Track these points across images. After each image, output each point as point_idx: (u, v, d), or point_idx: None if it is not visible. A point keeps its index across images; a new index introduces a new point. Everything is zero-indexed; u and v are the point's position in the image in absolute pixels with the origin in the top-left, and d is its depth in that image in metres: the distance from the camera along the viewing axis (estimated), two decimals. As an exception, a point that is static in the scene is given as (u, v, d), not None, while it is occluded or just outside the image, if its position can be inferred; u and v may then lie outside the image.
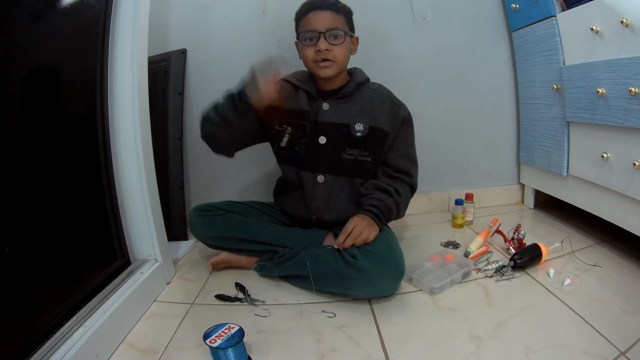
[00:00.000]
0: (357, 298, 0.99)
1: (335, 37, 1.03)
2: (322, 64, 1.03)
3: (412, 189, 1.15)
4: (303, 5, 1.07)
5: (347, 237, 0.98)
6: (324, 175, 1.11)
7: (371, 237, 0.99)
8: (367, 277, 0.91)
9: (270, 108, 0.96)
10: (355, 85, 1.11)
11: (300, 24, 1.07)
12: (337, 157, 1.09)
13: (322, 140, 1.08)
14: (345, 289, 0.96)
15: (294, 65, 1.28)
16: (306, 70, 1.15)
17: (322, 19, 1.02)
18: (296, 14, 1.09)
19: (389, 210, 1.06)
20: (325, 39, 1.01)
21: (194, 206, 1.20)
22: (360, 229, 0.99)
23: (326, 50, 1.01)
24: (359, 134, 1.08)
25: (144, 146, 1.02)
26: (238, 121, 1.01)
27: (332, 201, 1.12)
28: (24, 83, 0.80)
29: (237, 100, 0.97)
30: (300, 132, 1.10)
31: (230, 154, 1.14)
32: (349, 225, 1.00)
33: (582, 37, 1.15)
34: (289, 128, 1.10)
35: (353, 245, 0.98)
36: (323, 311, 0.94)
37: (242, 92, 0.96)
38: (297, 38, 1.09)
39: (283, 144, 1.12)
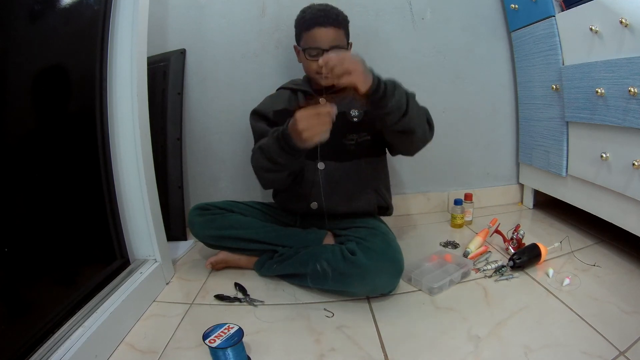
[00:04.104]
0: (356, 296, 0.99)
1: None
2: (325, 75, 1.05)
3: (430, 124, 1.06)
4: (307, 19, 1.10)
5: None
6: (325, 162, 1.13)
7: (358, 74, 0.82)
8: (366, 273, 0.92)
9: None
10: None
11: (303, 37, 1.11)
12: (338, 144, 1.11)
13: None
14: (344, 285, 0.96)
15: (293, 67, 1.29)
16: (300, 77, 1.23)
17: (326, 37, 1.07)
18: (299, 24, 1.13)
19: (394, 86, 0.89)
20: None
21: (194, 205, 1.20)
22: (351, 58, 0.83)
23: None
24: (355, 119, 1.13)
25: (143, 146, 1.02)
26: (290, 162, 0.98)
27: (333, 187, 1.13)
28: (23, 83, 0.80)
29: (285, 145, 0.93)
30: None
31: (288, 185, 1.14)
32: (341, 57, 0.83)
33: (581, 37, 1.15)
34: None
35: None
36: (324, 309, 0.95)
37: (287, 136, 0.91)
38: (298, 44, 1.15)
39: None
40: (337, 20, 1.09)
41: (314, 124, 0.86)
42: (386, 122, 0.93)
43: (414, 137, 0.98)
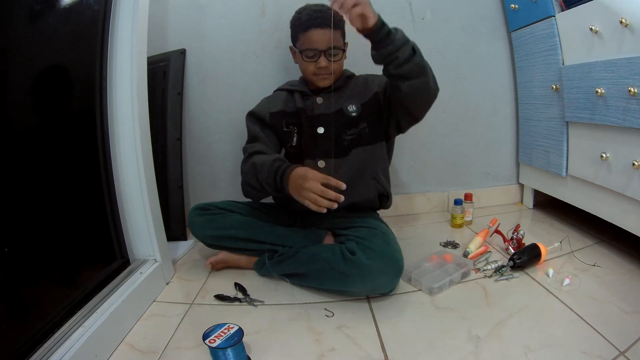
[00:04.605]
0: (356, 296, 0.99)
1: (334, 54, 1.10)
2: (322, 76, 1.13)
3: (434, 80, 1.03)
4: (303, 20, 1.10)
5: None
6: (325, 160, 1.14)
7: (366, 5, 0.84)
8: (366, 273, 0.92)
9: None
10: (345, 78, 1.19)
11: (300, 38, 1.12)
12: (337, 141, 1.12)
13: (321, 130, 1.14)
14: (344, 285, 0.96)
15: (292, 67, 1.29)
16: (296, 78, 1.26)
17: (323, 38, 1.07)
18: (295, 24, 1.14)
19: (396, 30, 0.91)
20: (326, 56, 1.09)
21: (194, 205, 1.20)
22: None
23: (326, 66, 1.10)
24: (353, 114, 1.14)
25: (143, 146, 1.02)
26: (277, 194, 1.04)
27: None
28: (23, 83, 0.80)
29: (279, 183, 0.98)
30: (305, 128, 1.16)
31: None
32: None
33: (581, 37, 1.15)
34: (296, 128, 1.16)
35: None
36: (325, 309, 0.95)
37: (286, 178, 0.96)
38: (295, 46, 1.17)
39: (294, 143, 1.17)
40: (334, 21, 1.09)
41: (319, 191, 0.89)
42: (399, 60, 0.91)
43: (428, 79, 0.97)
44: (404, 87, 0.97)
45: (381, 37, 0.89)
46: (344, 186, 0.91)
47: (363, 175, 1.15)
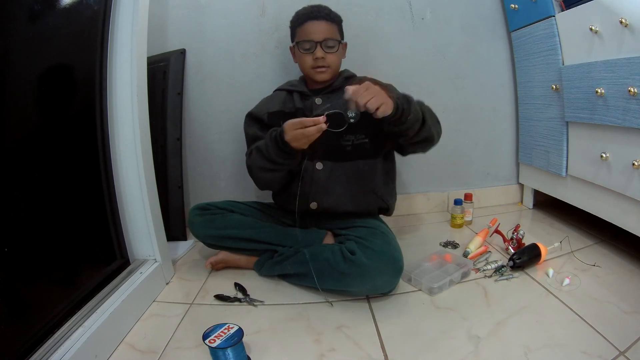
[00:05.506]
0: (356, 295, 0.99)
1: (330, 46, 1.12)
2: (319, 69, 1.13)
3: (439, 121, 1.11)
4: (300, 15, 1.14)
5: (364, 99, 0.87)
6: (323, 162, 1.13)
7: (386, 105, 0.88)
8: (366, 273, 0.92)
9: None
10: (344, 79, 1.19)
11: (297, 32, 1.14)
12: (335, 145, 1.11)
13: None
14: (344, 285, 0.96)
15: (292, 67, 1.29)
16: (297, 78, 1.26)
17: (319, 29, 1.11)
18: (292, 22, 1.17)
19: (408, 101, 0.94)
20: (322, 47, 1.11)
21: (194, 205, 1.20)
22: (376, 89, 0.88)
23: (322, 57, 1.11)
24: (352, 120, 1.11)
25: (143, 146, 1.02)
26: (288, 160, 1.01)
27: (332, 186, 1.13)
28: (23, 84, 0.80)
29: (282, 145, 0.97)
30: None
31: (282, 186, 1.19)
32: (365, 84, 0.89)
33: (581, 37, 1.15)
34: None
35: (365, 106, 0.87)
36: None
37: (287, 144, 0.95)
38: (293, 44, 1.18)
39: None
40: (330, 15, 1.13)
41: (298, 135, 0.92)
42: (409, 135, 0.98)
43: (434, 140, 1.08)
44: (410, 148, 1.12)
45: (396, 119, 0.93)
46: (322, 123, 0.90)
47: (362, 189, 1.14)
